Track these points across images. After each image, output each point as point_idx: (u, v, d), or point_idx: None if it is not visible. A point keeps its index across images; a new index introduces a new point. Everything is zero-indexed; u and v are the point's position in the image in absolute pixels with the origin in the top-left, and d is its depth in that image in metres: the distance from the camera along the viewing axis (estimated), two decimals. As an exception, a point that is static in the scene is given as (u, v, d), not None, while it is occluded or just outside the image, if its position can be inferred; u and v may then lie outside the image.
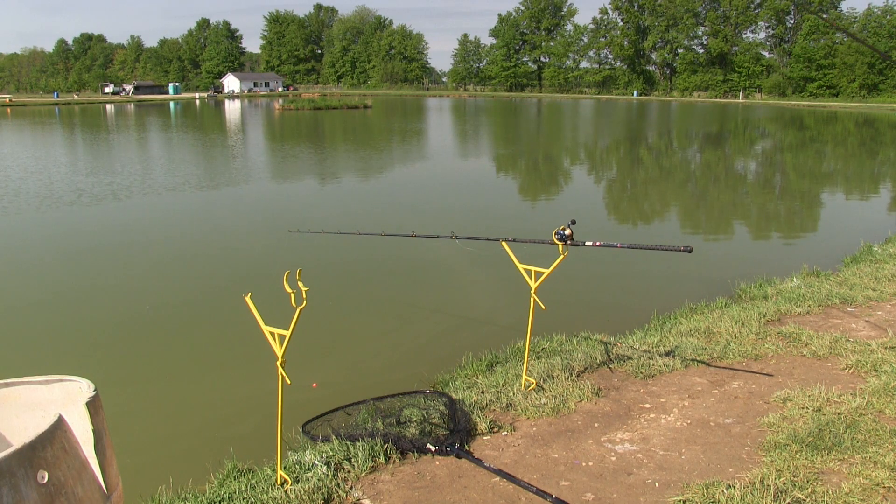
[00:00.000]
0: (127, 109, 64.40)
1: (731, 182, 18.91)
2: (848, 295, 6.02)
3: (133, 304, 7.28)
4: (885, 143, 31.39)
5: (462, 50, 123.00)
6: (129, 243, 10.16)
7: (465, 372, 4.78)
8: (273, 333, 2.86)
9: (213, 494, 3.08)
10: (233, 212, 13.03)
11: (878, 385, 3.93)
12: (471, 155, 25.65)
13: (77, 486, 1.57)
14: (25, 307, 7.25)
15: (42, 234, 10.91)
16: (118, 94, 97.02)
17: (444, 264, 8.71)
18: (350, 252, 9.18)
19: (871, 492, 2.83)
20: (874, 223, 11.75)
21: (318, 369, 5.32)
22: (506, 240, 4.01)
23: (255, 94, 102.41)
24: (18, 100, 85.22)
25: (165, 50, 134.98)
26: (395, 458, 3.28)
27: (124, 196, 14.19)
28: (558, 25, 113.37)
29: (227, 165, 20.98)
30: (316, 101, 67.29)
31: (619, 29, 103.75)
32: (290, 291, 2.71)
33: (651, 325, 5.60)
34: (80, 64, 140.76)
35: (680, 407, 3.87)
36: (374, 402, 3.98)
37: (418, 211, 13.05)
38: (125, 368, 5.67)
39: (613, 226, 12.34)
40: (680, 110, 63.38)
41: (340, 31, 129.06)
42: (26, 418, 1.87)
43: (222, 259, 9.31)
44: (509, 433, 3.57)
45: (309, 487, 2.96)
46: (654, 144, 30.15)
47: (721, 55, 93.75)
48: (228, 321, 6.54)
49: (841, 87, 79.75)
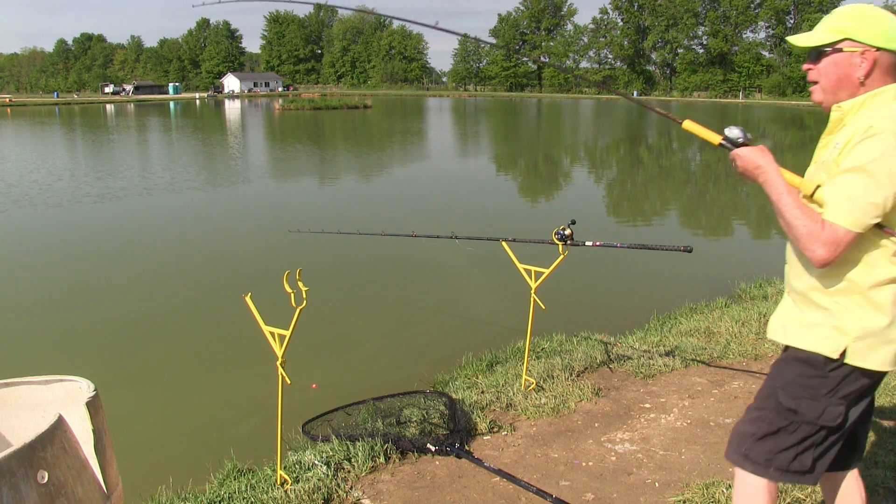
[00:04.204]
0: (127, 109, 64.42)
1: (731, 182, 18.92)
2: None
3: (133, 304, 7.29)
4: (885, 143, 31.35)
5: (462, 50, 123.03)
6: (129, 243, 10.16)
7: (465, 372, 4.79)
8: (273, 333, 2.86)
9: (213, 494, 3.08)
10: (233, 212, 13.03)
11: (878, 385, 3.93)
12: (471, 155, 25.66)
13: (77, 486, 1.57)
14: (25, 307, 7.25)
15: (42, 234, 10.92)
16: (118, 94, 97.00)
17: (445, 264, 8.71)
18: (350, 252, 9.18)
19: (871, 492, 2.83)
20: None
21: (318, 369, 5.32)
22: (506, 240, 4.01)
23: (255, 94, 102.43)
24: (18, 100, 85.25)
25: (165, 50, 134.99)
26: (395, 457, 3.28)
27: (124, 196, 14.20)
28: (558, 25, 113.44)
29: (227, 165, 20.99)
30: (316, 101, 67.31)
31: (619, 29, 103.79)
32: (290, 291, 2.71)
33: (651, 325, 5.61)
34: (80, 64, 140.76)
35: (680, 407, 3.87)
36: (374, 402, 3.98)
37: (418, 211, 13.05)
38: (125, 368, 5.67)
39: (613, 226, 12.34)
40: (680, 110, 63.40)
41: (340, 31, 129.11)
42: (26, 418, 1.87)
43: (222, 259, 9.31)
44: (509, 433, 3.58)
45: (309, 487, 2.96)
46: (654, 144, 30.15)
47: (721, 55, 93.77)
48: (228, 321, 6.54)
49: (841, 87, 79.67)
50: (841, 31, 1.82)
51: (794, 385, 1.93)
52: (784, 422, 1.95)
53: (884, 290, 1.83)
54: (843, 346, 1.85)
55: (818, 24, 1.92)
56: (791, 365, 1.96)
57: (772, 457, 1.97)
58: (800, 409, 1.92)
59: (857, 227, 1.73)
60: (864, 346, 1.84)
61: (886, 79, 1.82)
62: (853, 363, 1.86)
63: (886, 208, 1.72)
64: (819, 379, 1.90)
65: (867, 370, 1.86)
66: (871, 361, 1.85)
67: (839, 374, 1.88)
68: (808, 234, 1.78)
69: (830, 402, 1.89)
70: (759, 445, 1.98)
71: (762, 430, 1.98)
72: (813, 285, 1.93)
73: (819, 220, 1.76)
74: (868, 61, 1.79)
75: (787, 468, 1.96)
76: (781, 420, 1.96)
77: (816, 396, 1.90)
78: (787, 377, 1.96)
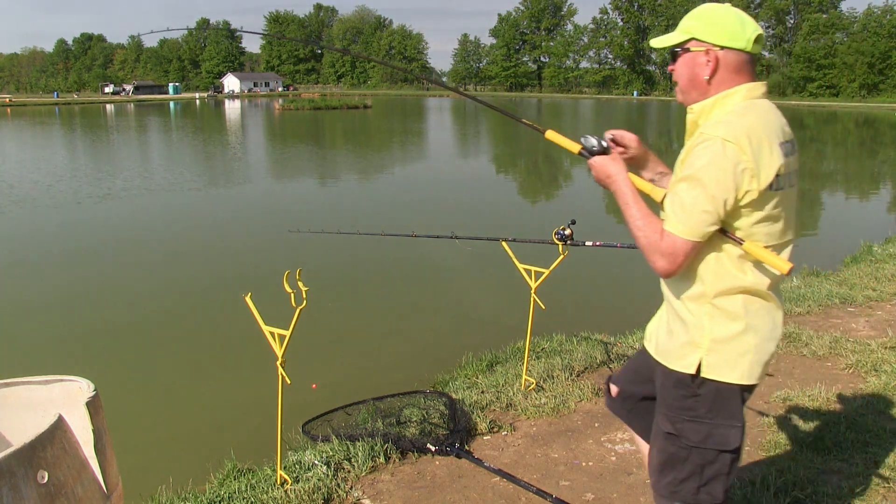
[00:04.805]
0: (127, 109, 64.42)
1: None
2: (848, 295, 6.02)
3: (133, 304, 7.29)
4: (885, 143, 31.40)
5: (462, 50, 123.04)
6: (129, 243, 10.16)
7: (465, 372, 4.78)
8: (273, 333, 2.86)
9: (213, 494, 3.08)
10: (233, 212, 13.03)
11: (878, 385, 3.93)
12: (471, 155, 25.65)
13: (77, 486, 1.57)
14: (26, 307, 7.25)
15: (42, 234, 10.92)
16: (118, 94, 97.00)
17: (445, 264, 8.71)
18: (350, 252, 9.18)
19: (871, 492, 2.84)
20: (874, 223, 11.75)
21: (318, 369, 5.32)
22: (506, 240, 4.01)
23: (255, 94, 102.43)
24: (18, 100, 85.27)
25: (165, 50, 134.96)
26: (395, 457, 3.28)
27: (124, 196, 14.20)
28: (558, 25, 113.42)
29: (227, 165, 20.99)
30: (316, 101, 67.33)
31: (619, 29, 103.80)
32: (290, 291, 2.71)
33: (651, 325, 5.60)
34: (80, 64, 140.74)
35: (680, 407, 3.87)
36: (374, 402, 3.98)
37: (418, 211, 13.05)
38: (125, 368, 5.67)
39: (613, 226, 12.33)
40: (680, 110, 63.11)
41: (340, 31, 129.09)
42: (26, 418, 1.87)
43: (222, 259, 9.31)
44: (509, 433, 3.57)
45: (309, 487, 2.96)
46: (654, 144, 30.15)
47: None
48: (228, 321, 6.54)
49: (841, 87, 79.73)
50: (688, 30, 1.79)
51: (673, 409, 1.82)
52: (673, 448, 1.82)
53: (733, 298, 1.75)
54: (698, 360, 1.76)
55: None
56: (667, 386, 1.85)
57: (675, 488, 1.83)
58: (683, 433, 1.79)
59: (693, 237, 1.68)
60: (717, 359, 1.75)
61: (736, 78, 1.76)
62: (710, 377, 1.75)
63: (721, 214, 1.66)
64: (693, 399, 1.78)
65: (743, 385, 1.75)
66: (728, 374, 1.74)
67: (709, 390, 1.76)
68: (649, 245, 1.74)
69: (714, 423, 1.76)
70: (662, 478, 1.87)
71: (660, 461, 1.87)
72: (672, 293, 1.87)
73: (660, 231, 1.72)
74: (712, 60, 1.75)
75: (694, 500, 1.81)
76: (671, 447, 1.82)
77: (697, 418, 1.78)
78: (667, 400, 1.85)
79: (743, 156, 1.63)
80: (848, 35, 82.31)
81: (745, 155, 1.63)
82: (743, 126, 1.67)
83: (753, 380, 1.77)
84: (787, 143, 1.73)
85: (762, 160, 1.65)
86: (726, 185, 1.64)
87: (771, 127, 1.71)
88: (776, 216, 1.71)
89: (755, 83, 1.77)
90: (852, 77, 78.07)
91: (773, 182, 1.66)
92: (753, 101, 1.75)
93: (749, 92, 1.76)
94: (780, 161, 1.67)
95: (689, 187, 1.68)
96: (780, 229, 1.73)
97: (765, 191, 1.66)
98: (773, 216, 1.70)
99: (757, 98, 1.76)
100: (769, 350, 1.77)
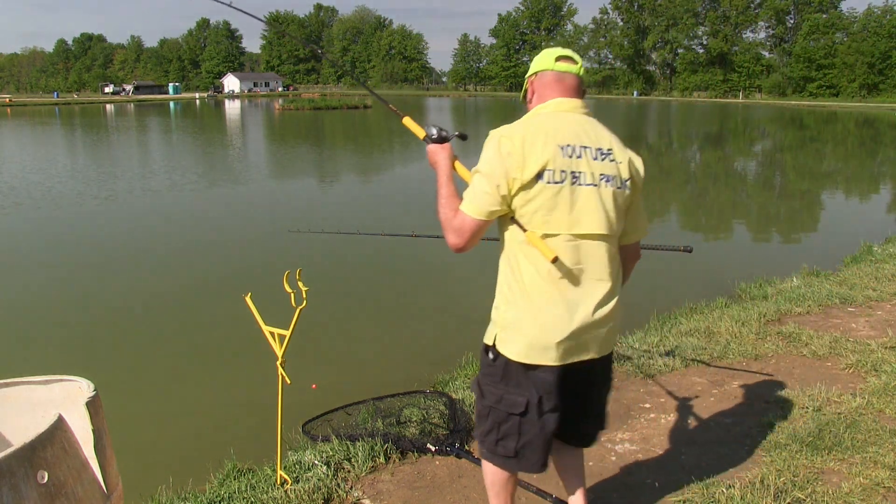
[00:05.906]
0: (127, 109, 64.43)
1: (731, 182, 18.92)
2: (848, 295, 6.02)
3: (133, 304, 7.29)
4: (885, 143, 31.40)
5: (462, 50, 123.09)
6: (129, 243, 10.16)
7: (465, 372, 4.78)
8: (273, 333, 2.86)
9: (213, 494, 3.08)
10: (232, 212, 13.03)
11: (878, 385, 3.93)
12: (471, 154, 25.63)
13: (77, 486, 1.57)
14: (26, 307, 7.25)
15: (42, 235, 10.92)
16: (118, 94, 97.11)
17: (445, 264, 8.70)
18: (350, 252, 9.18)
19: (871, 492, 2.84)
20: (874, 223, 11.75)
21: (318, 369, 5.32)
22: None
23: (255, 94, 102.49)
24: (18, 100, 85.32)
25: (165, 50, 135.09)
26: (395, 457, 3.28)
27: (124, 196, 14.20)
28: (558, 25, 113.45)
29: (227, 165, 20.99)
30: (316, 101, 67.34)
31: (619, 29, 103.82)
32: (289, 291, 2.71)
33: (651, 325, 5.60)
34: (80, 64, 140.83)
35: (680, 407, 3.87)
36: (374, 402, 3.98)
37: (418, 211, 13.04)
38: (125, 368, 5.67)
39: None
40: (680, 110, 63.45)
41: (340, 31, 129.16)
42: (26, 418, 1.87)
43: (222, 259, 9.31)
44: (509, 433, 3.57)
45: (309, 487, 2.96)
46: (653, 144, 30.14)
47: (721, 55, 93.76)
48: (228, 321, 6.54)
49: (841, 87, 79.78)
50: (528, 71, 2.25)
51: (483, 374, 2.18)
52: (480, 406, 2.20)
53: (520, 283, 2.03)
54: (494, 335, 2.10)
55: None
56: (481, 354, 2.19)
57: (483, 439, 2.20)
58: (485, 395, 2.16)
59: (478, 215, 1.99)
60: (504, 336, 2.06)
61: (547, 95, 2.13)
62: (501, 351, 2.07)
63: (500, 196, 1.96)
64: (490, 367, 2.13)
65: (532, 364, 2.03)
66: (508, 351, 2.05)
67: (500, 362, 2.09)
68: (445, 221, 2.06)
69: (506, 389, 2.09)
70: (477, 428, 2.24)
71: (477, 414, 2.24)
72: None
73: (456, 211, 2.03)
74: (530, 86, 2.21)
75: (494, 451, 2.17)
76: (479, 405, 2.20)
77: (494, 383, 2.12)
78: (481, 365, 2.20)
79: (512, 147, 1.95)
80: (848, 35, 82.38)
81: (514, 147, 1.95)
82: (520, 126, 2.03)
83: (532, 360, 2.02)
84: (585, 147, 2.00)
85: (531, 152, 1.94)
86: (497, 171, 1.96)
87: (559, 131, 1.99)
88: (550, 206, 1.95)
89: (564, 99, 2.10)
90: (852, 77, 78.11)
91: (543, 173, 1.93)
92: (555, 113, 2.07)
93: (557, 106, 2.09)
94: (549, 156, 1.94)
95: (477, 175, 2.03)
96: (561, 220, 1.96)
97: (532, 179, 1.93)
98: (548, 206, 1.95)
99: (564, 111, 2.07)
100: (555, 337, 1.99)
